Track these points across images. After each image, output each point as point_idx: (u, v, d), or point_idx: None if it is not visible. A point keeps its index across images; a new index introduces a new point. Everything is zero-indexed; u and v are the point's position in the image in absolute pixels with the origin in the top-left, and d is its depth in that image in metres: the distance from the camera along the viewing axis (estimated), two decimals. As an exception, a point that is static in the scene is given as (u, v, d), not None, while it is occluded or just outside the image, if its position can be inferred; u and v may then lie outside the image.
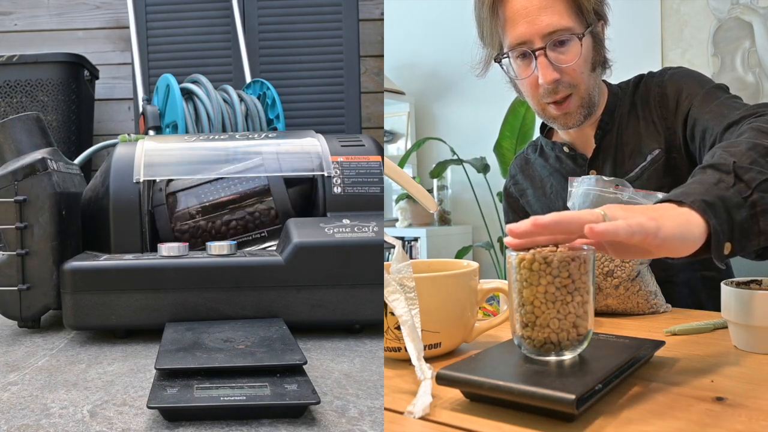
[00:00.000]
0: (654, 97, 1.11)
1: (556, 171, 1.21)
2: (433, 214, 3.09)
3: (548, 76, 1.02)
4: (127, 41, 2.31)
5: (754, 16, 2.41)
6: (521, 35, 1.02)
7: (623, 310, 0.94)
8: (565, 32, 1.01)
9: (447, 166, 2.89)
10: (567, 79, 1.04)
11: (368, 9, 2.39)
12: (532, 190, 1.27)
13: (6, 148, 1.23)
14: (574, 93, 1.06)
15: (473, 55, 1.12)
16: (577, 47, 1.03)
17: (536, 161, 1.26)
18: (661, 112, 1.09)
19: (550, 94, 1.05)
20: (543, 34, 1.01)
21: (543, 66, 1.02)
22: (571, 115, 1.08)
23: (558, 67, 1.03)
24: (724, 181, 0.70)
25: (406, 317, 0.66)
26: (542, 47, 1.01)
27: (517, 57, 1.05)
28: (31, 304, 1.11)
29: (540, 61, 1.02)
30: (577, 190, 0.97)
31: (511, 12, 1.03)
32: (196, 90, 1.77)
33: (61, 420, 0.73)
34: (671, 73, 1.12)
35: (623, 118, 1.14)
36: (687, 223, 0.64)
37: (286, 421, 0.72)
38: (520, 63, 1.06)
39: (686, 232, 0.63)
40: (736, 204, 0.67)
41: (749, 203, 0.68)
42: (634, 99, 1.14)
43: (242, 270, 1.08)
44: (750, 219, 0.68)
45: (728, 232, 0.66)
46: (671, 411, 0.55)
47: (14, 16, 2.43)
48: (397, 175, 0.78)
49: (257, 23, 2.17)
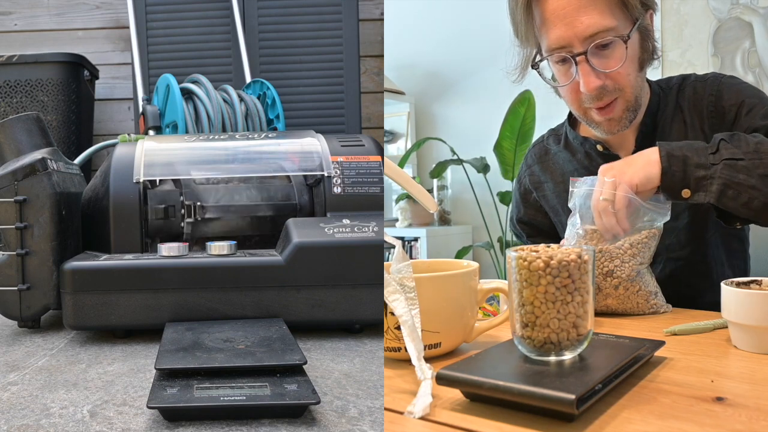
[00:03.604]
0: (707, 106, 1.04)
1: (584, 168, 1.13)
2: (433, 214, 3.08)
3: (591, 84, 0.95)
4: (127, 41, 2.31)
5: (754, 16, 2.41)
6: (559, 39, 0.94)
7: (623, 310, 0.94)
8: (607, 34, 0.92)
9: (447, 166, 2.89)
10: (611, 84, 0.96)
11: (368, 9, 2.39)
12: (552, 184, 1.19)
13: (6, 148, 1.23)
14: (619, 97, 0.98)
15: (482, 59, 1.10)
16: (622, 50, 0.94)
17: (559, 154, 1.18)
18: (713, 122, 1.03)
19: (593, 100, 0.98)
20: (583, 37, 0.92)
21: (585, 73, 0.94)
22: (616, 121, 1.01)
23: (601, 72, 0.95)
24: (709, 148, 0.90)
25: (406, 317, 0.66)
26: (583, 52, 0.93)
27: (557, 61, 0.97)
28: (31, 304, 1.11)
29: (581, 68, 0.94)
30: (578, 190, 0.96)
31: (548, 12, 0.94)
32: (196, 90, 1.77)
33: (61, 420, 0.73)
34: (725, 82, 1.05)
35: (666, 122, 1.07)
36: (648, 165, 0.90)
37: (286, 421, 0.72)
38: (559, 67, 0.98)
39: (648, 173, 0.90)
40: (701, 165, 0.89)
41: (712, 170, 0.89)
42: (678, 102, 1.07)
43: (242, 270, 1.08)
44: (706, 179, 0.89)
45: (682, 181, 0.89)
46: (671, 411, 0.55)
47: (14, 16, 2.43)
48: (397, 175, 0.78)
49: (257, 23, 2.17)
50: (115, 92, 2.42)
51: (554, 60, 0.98)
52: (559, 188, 1.18)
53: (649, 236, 0.92)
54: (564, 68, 0.98)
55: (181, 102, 1.72)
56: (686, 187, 0.89)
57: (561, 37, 0.94)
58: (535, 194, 1.23)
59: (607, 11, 0.92)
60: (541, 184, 1.22)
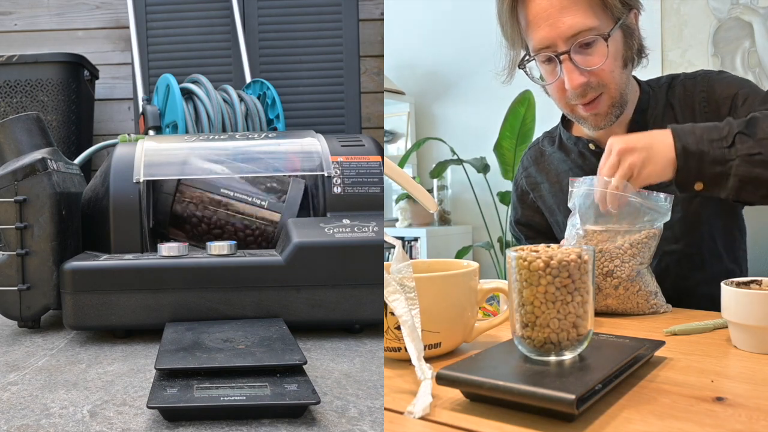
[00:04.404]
0: (699, 102, 1.06)
1: (578, 167, 1.15)
2: (433, 214, 3.09)
3: (575, 80, 0.99)
4: (127, 41, 2.31)
5: (754, 16, 2.41)
6: (543, 39, 0.98)
7: (623, 310, 0.94)
8: (589, 33, 0.96)
9: (447, 166, 2.89)
10: (595, 80, 1.00)
11: (368, 9, 2.39)
12: (548, 184, 1.21)
13: (6, 148, 1.23)
14: (604, 93, 1.02)
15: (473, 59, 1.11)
16: (603, 48, 0.98)
17: (554, 155, 1.21)
18: (707, 117, 1.04)
19: (578, 97, 1.01)
20: (566, 36, 0.97)
21: (569, 70, 0.98)
22: (602, 116, 1.04)
23: (585, 70, 0.98)
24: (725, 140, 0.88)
25: (406, 317, 0.66)
26: (566, 51, 0.97)
27: (543, 61, 1.01)
28: (31, 304, 1.11)
29: (565, 66, 0.98)
30: (578, 190, 0.96)
31: (532, 15, 0.99)
32: (196, 90, 1.77)
33: (61, 420, 0.73)
34: (715, 77, 1.07)
35: (657, 120, 1.08)
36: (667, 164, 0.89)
37: (286, 421, 0.72)
38: (545, 67, 1.03)
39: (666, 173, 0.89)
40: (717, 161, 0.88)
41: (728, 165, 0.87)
42: (669, 99, 1.09)
43: (242, 270, 1.08)
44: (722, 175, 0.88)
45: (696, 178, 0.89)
46: (671, 411, 0.55)
47: (14, 16, 2.43)
48: (397, 175, 0.78)
49: (257, 23, 2.17)
50: (115, 92, 2.42)
51: (540, 60, 1.02)
52: (554, 188, 1.20)
53: (649, 236, 0.92)
54: (550, 67, 1.02)
55: (181, 102, 1.72)
56: (700, 181, 0.89)
57: (545, 37, 0.98)
58: (532, 195, 1.25)
59: (588, 11, 0.97)
60: (537, 185, 1.24)
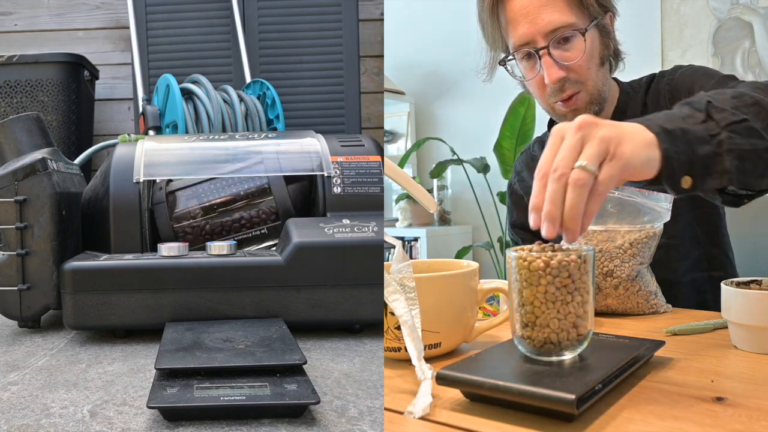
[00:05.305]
0: (664, 96, 1.09)
1: None
2: (433, 214, 3.08)
3: (553, 75, 1.02)
4: (127, 41, 2.31)
5: (754, 16, 2.41)
6: (523, 35, 1.02)
7: (623, 310, 0.94)
8: (567, 28, 1.01)
9: (447, 166, 2.89)
10: (573, 76, 1.03)
11: (368, 9, 2.39)
12: None
13: (6, 148, 1.23)
14: (582, 90, 1.05)
15: (477, 59, 1.12)
16: (581, 43, 1.02)
17: None
18: None
19: (557, 93, 1.05)
20: (545, 32, 1.01)
21: (548, 65, 1.02)
22: (580, 112, 1.06)
23: (563, 65, 1.02)
24: (693, 117, 0.69)
25: (406, 317, 0.66)
26: (545, 46, 1.01)
27: (522, 58, 1.05)
28: (31, 304, 1.11)
29: (544, 61, 1.02)
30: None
31: (512, 13, 1.03)
32: (196, 90, 1.77)
33: (61, 420, 0.73)
34: (682, 71, 1.10)
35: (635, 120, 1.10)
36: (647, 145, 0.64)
37: (285, 421, 0.72)
38: (525, 64, 1.06)
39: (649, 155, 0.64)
40: (700, 138, 0.66)
41: (716, 141, 0.67)
42: (646, 100, 1.12)
43: (242, 270, 1.08)
44: (714, 156, 0.67)
45: (687, 164, 0.66)
46: (671, 411, 0.55)
47: (14, 16, 2.43)
48: (397, 175, 0.78)
49: (257, 23, 2.17)
50: (115, 92, 2.42)
51: (520, 57, 1.06)
52: None
53: (649, 236, 0.93)
54: (530, 64, 1.05)
55: (181, 102, 1.72)
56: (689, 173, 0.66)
57: (525, 33, 1.02)
58: (526, 198, 1.27)
59: (566, 9, 1.01)
60: (530, 189, 1.24)
